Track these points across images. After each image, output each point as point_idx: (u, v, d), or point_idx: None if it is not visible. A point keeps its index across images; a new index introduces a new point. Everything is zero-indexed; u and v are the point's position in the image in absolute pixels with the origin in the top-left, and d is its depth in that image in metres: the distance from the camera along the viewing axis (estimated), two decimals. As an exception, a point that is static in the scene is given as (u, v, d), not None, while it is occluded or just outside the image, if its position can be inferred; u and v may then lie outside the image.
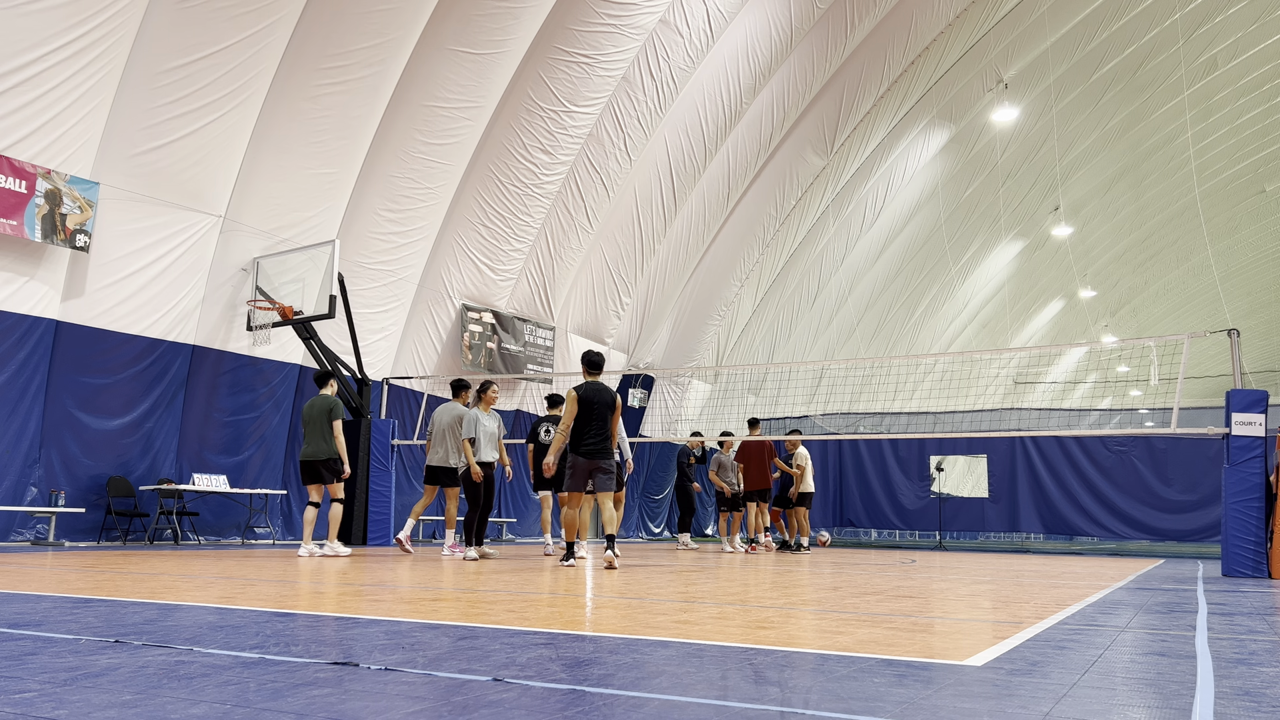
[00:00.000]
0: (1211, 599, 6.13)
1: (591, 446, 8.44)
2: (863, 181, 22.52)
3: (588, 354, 8.69)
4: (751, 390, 23.67)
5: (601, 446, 8.46)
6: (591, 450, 8.45)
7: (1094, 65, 23.33)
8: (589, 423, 8.43)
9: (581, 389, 8.44)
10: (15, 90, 9.56)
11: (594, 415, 8.44)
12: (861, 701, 2.28)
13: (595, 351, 8.70)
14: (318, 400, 9.76)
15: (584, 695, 2.29)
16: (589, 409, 8.43)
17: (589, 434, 8.41)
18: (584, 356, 8.72)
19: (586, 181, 16.03)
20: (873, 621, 4.14)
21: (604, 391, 8.54)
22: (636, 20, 14.64)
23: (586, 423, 8.43)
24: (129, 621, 3.62)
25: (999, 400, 32.78)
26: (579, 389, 8.44)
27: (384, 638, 3.26)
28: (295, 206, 12.49)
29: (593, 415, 8.44)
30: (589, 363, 8.66)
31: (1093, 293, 36.15)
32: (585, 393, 8.42)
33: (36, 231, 9.92)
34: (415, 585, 5.75)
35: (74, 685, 2.31)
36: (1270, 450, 9.76)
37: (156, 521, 11.61)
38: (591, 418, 8.43)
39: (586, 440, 8.43)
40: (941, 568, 10.00)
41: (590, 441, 8.44)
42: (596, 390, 8.51)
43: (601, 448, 8.46)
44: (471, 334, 15.48)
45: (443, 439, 10.31)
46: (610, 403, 8.53)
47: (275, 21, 11.09)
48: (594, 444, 8.44)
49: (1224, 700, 2.44)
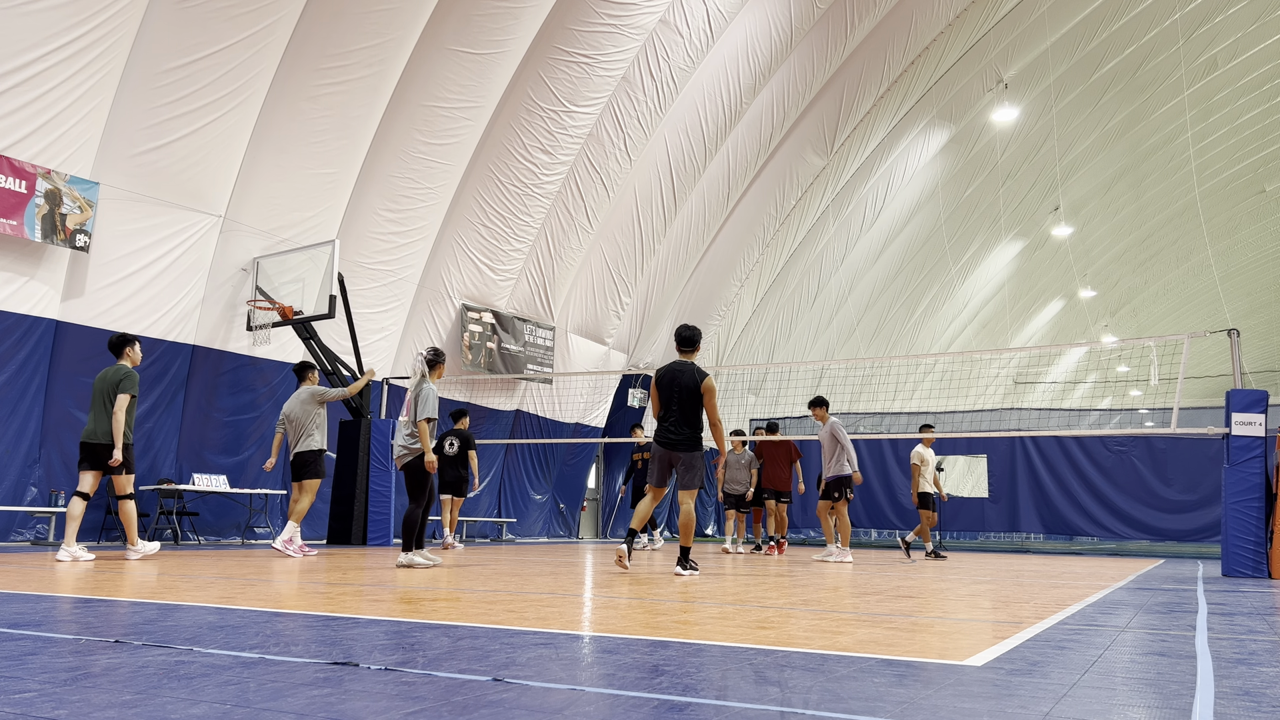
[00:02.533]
0: (1211, 599, 6.13)
1: (670, 435, 7.51)
2: (863, 181, 22.52)
3: (678, 329, 7.79)
4: (751, 390, 23.67)
5: (682, 435, 7.48)
6: (669, 439, 7.51)
7: (1094, 65, 23.34)
8: (668, 407, 7.55)
9: (659, 370, 7.66)
10: (15, 90, 9.56)
11: (672, 399, 7.54)
12: (861, 701, 2.28)
13: (685, 325, 7.79)
14: (109, 371, 8.31)
15: (583, 695, 2.29)
16: (664, 393, 7.58)
17: (667, 419, 7.54)
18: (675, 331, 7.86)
19: (586, 181, 16.03)
20: (873, 621, 4.14)
21: (683, 373, 7.56)
22: (636, 20, 14.64)
23: (665, 407, 7.56)
24: (129, 621, 3.62)
25: (999, 400, 32.78)
26: (657, 370, 7.71)
27: (384, 638, 3.26)
28: (295, 206, 12.49)
29: (671, 399, 7.54)
30: (676, 337, 7.77)
31: (1093, 293, 36.15)
32: (659, 374, 7.62)
33: (36, 231, 9.92)
34: (415, 585, 5.75)
35: (74, 685, 2.31)
36: (1270, 450, 9.75)
37: (156, 521, 11.61)
38: (671, 402, 7.54)
39: (664, 426, 7.55)
40: (941, 568, 10.00)
41: (667, 428, 7.53)
42: (672, 372, 7.60)
43: (682, 436, 7.48)
44: (471, 334, 15.48)
45: (299, 424, 9.58)
46: (691, 385, 7.50)
47: (275, 21, 11.09)
48: (672, 432, 7.51)
49: (1224, 700, 2.44)
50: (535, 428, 17.64)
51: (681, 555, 7.44)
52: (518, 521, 17.58)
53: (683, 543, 7.50)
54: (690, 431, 7.50)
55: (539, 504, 18.07)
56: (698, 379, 7.49)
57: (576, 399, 18.42)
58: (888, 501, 19.66)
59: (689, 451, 7.47)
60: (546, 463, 18.18)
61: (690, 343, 7.69)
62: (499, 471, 17.18)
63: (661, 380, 7.57)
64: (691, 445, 7.48)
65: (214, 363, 12.20)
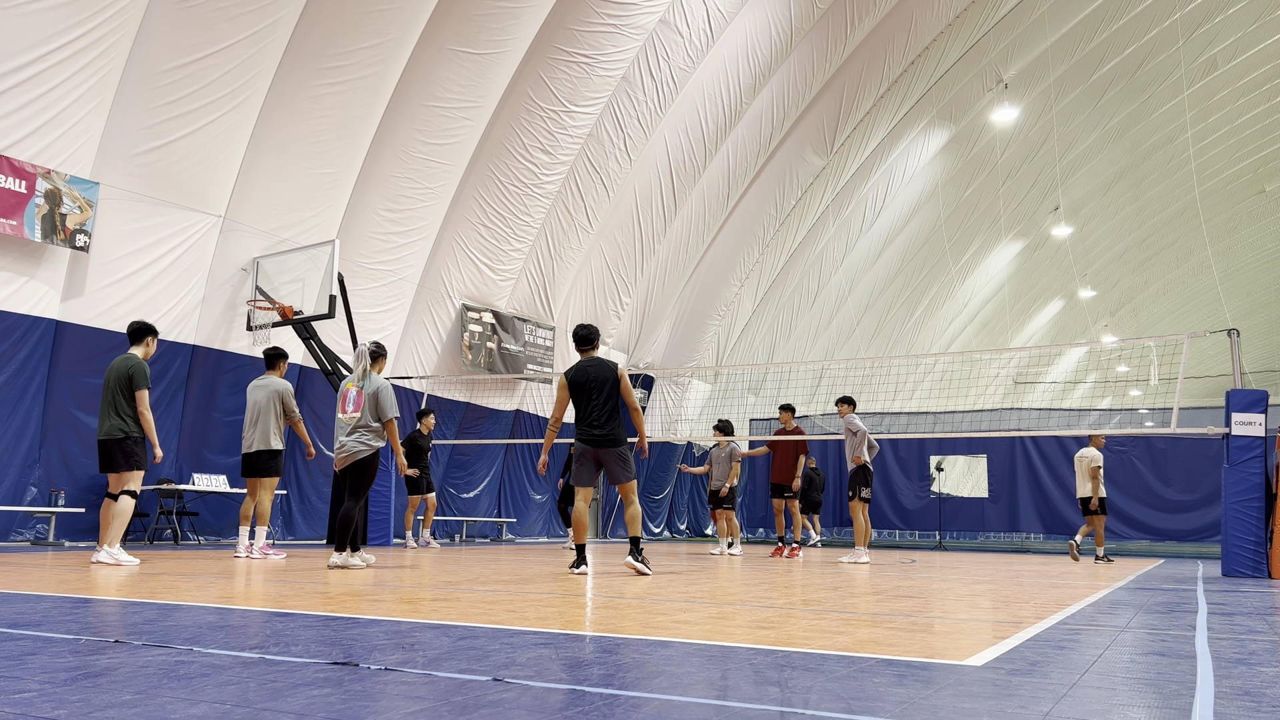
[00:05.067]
0: (1211, 599, 6.13)
1: (595, 430, 7.38)
2: (863, 181, 22.53)
3: (575, 329, 7.66)
4: (751, 390, 23.67)
5: (607, 431, 7.37)
6: (595, 436, 7.38)
7: (1094, 65, 23.34)
8: (586, 404, 7.39)
9: (568, 371, 7.50)
10: (15, 90, 9.56)
11: (590, 395, 7.39)
12: (861, 701, 2.28)
13: (582, 324, 7.65)
14: (118, 362, 7.84)
15: (584, 695, 2.29)
16: (580, 391, 7.43)
17: (589, 415, 7.39)
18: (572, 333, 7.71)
19: (586, 181, 16.03)
20: (873, 621, 4.14)
21: (598, 366, 7.45)
22: (636, 20, 14.64)
23: (584, 405, 7.42)
24: (129, 621, 3.62)
25: (999, 400, 32.78)
26: (566, 372, 7.51)
27: (384, 638, 3.26)
28: (295, 206, 12.49)
29: (589, 395, 7.39)
30: (575, 338, 7.62)
31: (1093, 293, 36.16)
32: (572, 374, 7.47)
33: (36, 231, 9.92)
34: (415, 585, 5.75)
35: (74, 685, 2.31)
36: (1270, 450, 9.75)
37: (156, 521, 11.61)
38: (589, 398, 7.39)
39: (588, 423, 7.41)
40: (941, 568, 9.99)
41: (592, 424, 7.39)
42: (585, 368, 7.46)
43: (607, 433, 7.37)
44: (471, 334, 15.48)
45: (256, 420, 8.92)
46: (607, 376, 7.40)
47: (275, 21, 11.09)
48: (598, 426, 7.38)
49: (1224, 700, 2.44)
50: (535, 428, 17.64)
51: (632, 545, 7.37)
52: (518, 521, 17.58)
53: (631, 533, 7.40)
54: (615, 426, 7.41)
55: (539, 504, 18.07)
56: (612, 369, 7.46)
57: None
58: (888, 501, 19.66)
59: (615, 446, 7.38)
60: (546, 463, 18.17)
61: (589, 341, 7.60)
62: (499, 471, 17.18)
63: (575, 381, 7.45)
64: (617, 440, 7.40)
65: (214, 363, 12.20)
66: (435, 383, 15.35)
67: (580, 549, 7.39)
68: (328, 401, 13.50)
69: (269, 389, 8.98)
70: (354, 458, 7.72)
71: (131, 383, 7.67)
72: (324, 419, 13.59)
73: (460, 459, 16.14)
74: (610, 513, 20.67)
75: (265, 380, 9.07)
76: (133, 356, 7.81)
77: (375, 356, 7.95)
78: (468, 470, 16.33)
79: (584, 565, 7.32)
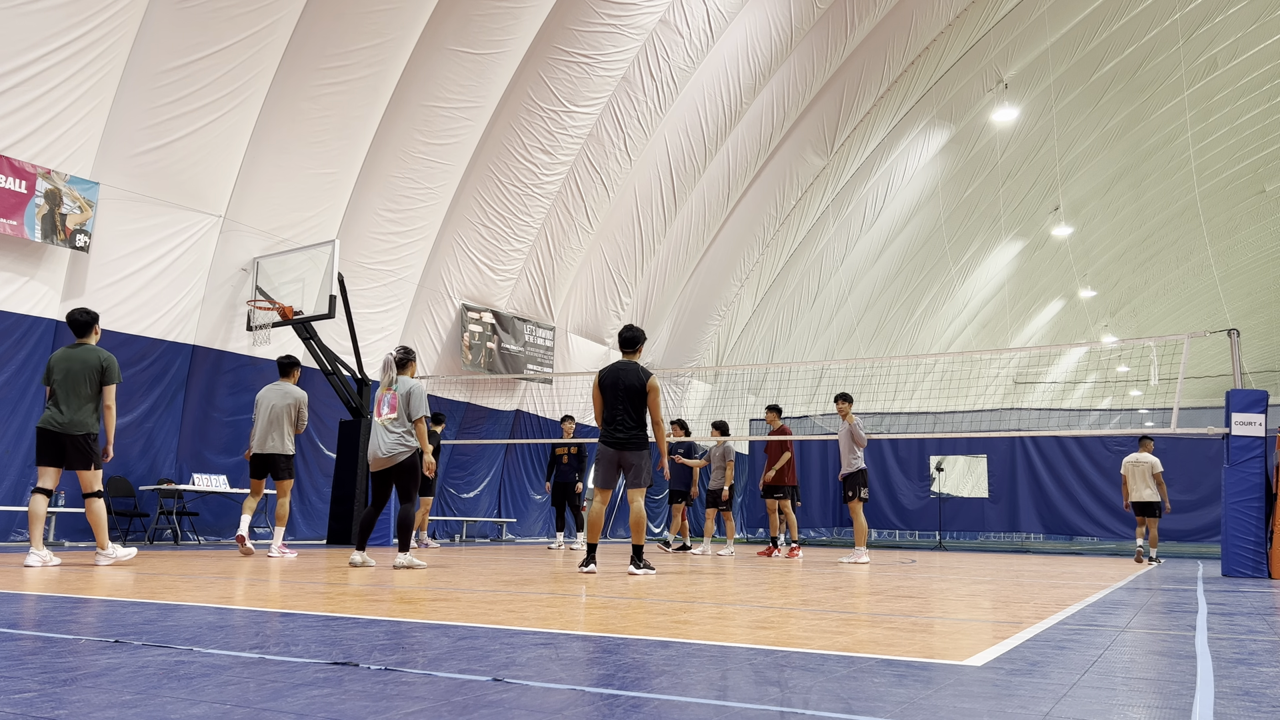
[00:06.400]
0: (1211, 599, 6.13)
1: (619, 434, 7.56)
2: (863, 181, 22.53)
3: (621, 331, 7.85)
4: (751, 390, 23.67)
5: (630, 435, 7.54)
6: (618, 439, 7.56)
7: (1094, 65, 23.35)
8: (612, 407, 7.61)
9: (602, 371, 7.72)
10: (15, 90, 9.56)
11: (617, 400, 7.59)
12: (861, 701, 2.28)
13: (628, 326, 7.82)
14: (84, 352, 7.33)
15: (584, 695, 2.29)
16: (607, 393, 7.64)
17: (614, 418, 7.59)
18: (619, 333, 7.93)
19: (586, 181, 16.03)
20: (873, 621, 4.14)
21: (626, 372, 7.62)
22: (636, 20, 14.65)
23: (610, 407, 7.62)
24: (129, 621, 3.62)
25: (999, 400, 32.79)
26: (600, 371, 7.73)
27: (384, 638, 3.26)
28: (295, 206, 12.49)
29: (615, 399, 7.60)
30: (620, 339, 7.82)
31: (1093, 293, 36.17)
32: (603, 375, 7.67)
33: (36, 231, 9.92)
34: (415, 585, 5.75)
35: (74, 685, 2.31)
36: (1270, 450, 9.75)
37: (156, 521, 11.61)
38: (615, 401, 7.60)
39: (612, 425, 7.61)
40: (941, 568, 10.00)
41: (616, 427, 7.58)
42: (615, 372, 7.65)
43: (630, 437, 7.54)
44: (471, 334, 15.48)
45: (273, 423, 9.10)
46: (635, 385, 7.57)
47: (275, 21, 11.09)
48: (621, 430, 7.56)
49: (1224, 700, 2.44)
50: (535, 428, 17.64)
51: (635, 554, 7.46)
52: (518, 521, 17.57)
53: (635, 541, 7.49)
54: (638, 431, 7.57)
55: (539, 504, 18.06)
56: (643, 378, 7.59)
57: (576, 399, 18.41)
58: (888, 501, 19.66)
59: (637, 451, 7.54)
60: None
61: (633, 344, 7.77)
62: (499, 472, 17.18)
63: (605, 381, 7.63)
64: (640, 445, 7.56)
65: (214, 363, 12.20)
66: (435, 383, 15.35)
67: (592, 548, 7.56)
68: (327, 401, 13.51)
69: (289, 396, 9.20)
70: (394, 460, 7.81)
71: (104, 376, 7.27)
72: (324, 419, 13.59)
73: (460, 459, 16.14)
74: (610, 513, 20.67)
75: (283, 386, 9.26)
76: (98, 348, 7.36)
77: (402, 363, 8.05)
78: (468, 470, 16.33)
79: (593, 564, 7.46)
